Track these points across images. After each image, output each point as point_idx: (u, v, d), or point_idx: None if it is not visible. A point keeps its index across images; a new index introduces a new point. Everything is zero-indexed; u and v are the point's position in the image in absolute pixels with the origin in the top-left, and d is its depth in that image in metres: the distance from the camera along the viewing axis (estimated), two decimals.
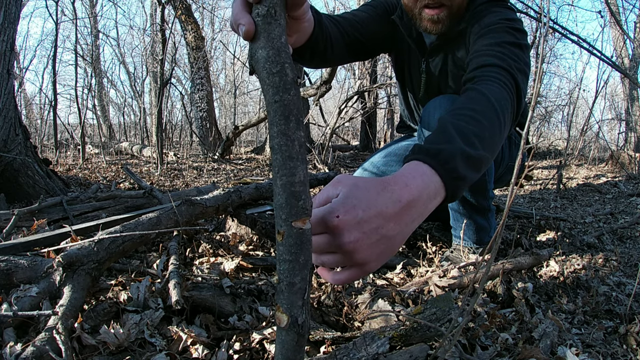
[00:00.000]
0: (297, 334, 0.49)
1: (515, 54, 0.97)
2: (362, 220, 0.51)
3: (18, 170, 2.45)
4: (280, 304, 0.50)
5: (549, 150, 8.06)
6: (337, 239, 0.51)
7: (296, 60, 1.06)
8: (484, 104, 0.76)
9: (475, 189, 1.36)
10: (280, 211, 0.48)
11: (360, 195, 0.52)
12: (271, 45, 0.50)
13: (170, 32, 5.74)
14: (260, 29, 0.50)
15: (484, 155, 0.67)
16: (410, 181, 0.56)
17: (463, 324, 0.65)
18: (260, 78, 0.51)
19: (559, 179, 3.45)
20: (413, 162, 0.60)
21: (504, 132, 0.77)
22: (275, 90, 0.49)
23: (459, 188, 0.61)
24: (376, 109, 8.08)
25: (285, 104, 0.49)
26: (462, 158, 0.62)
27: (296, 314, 0.49)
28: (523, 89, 0.92)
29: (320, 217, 0.50)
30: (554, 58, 9.28)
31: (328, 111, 10.39)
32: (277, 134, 0.48)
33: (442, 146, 0.62)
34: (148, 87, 13.79)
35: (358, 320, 1.05)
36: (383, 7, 1.36)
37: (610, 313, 1.14)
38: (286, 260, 0.48)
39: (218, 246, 1.57)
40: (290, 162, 0.48)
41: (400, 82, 1.57)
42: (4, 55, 2.47)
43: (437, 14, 1.19)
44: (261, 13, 0.50)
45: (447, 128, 0.67)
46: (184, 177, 4.32)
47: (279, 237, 0.49)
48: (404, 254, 1.63)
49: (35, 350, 0.72)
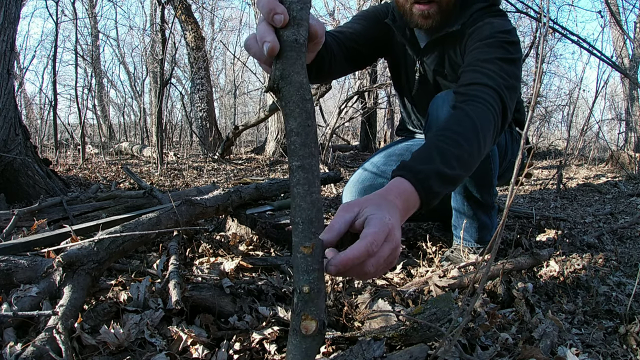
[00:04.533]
0: (323, 336, 0.54)
1: (506, 71, 1.06)
2: (395, 221, 0.61)
3: (18, 170, 2.44)
4: (309, 312, 0.53)
5: (549, 150, 8.06)
6: (394, 234, 0.60)
7: None
8: (468, 127, 0.88)
9: (481, 183, 1.38)
10: (309, 225, 0.54)
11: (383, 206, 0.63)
12: (305, 73, 0.56)
13: (170, 32, 5.73)
14: (293, 55, 0.56)
15: (459, 174, 0.81)
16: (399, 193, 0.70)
17: (463, 324, 0.65)
18: (289, 100, 0.55)
19: (559, 179, 3.45)
20: (398, 179, 0.74)
21: (483, 151, 0.90)
22: (307, 115, 0.55)
23: (432, 201, 0.75)
24: (376, 109, 8.07)
25: (314, 129, 0.55)
26: (437, 177, 0.75)
27: (323, 317, 0.53)
28: (509, 105, 1.03)
29: (385, 223, 0.58)
30: (554, 58, 9.27)
31: (328, 111, 10.39)
32: (309, 155, 0.55)
33: (421, 167, 0.75)
34: (148, 87, 13.79)
35: (358, 320, 1.05)
36: (374, 16, 1.42)
37: (610, 313, 1.14)
38: (315, 270, 0.53)
39: (218, 246, 1.57)
40: (317, 181, 0.55)
41: (397, 85, 1.59)
42: (4, 55, 2.47)
43: (428, 10, 1.23)
44: (298, 40, 0.56)
45: (431, 149, 0.81)
46: (184, 177, 4.32)
47: (307, 250, 0.53)
48: (404, 254, 1.63)
49: (35, 350, 0.72)
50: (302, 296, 0.52)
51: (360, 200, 0.64)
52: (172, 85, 9.59)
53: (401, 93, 1.60)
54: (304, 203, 0.53)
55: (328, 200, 2.72)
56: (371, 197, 0.66)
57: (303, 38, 0.56)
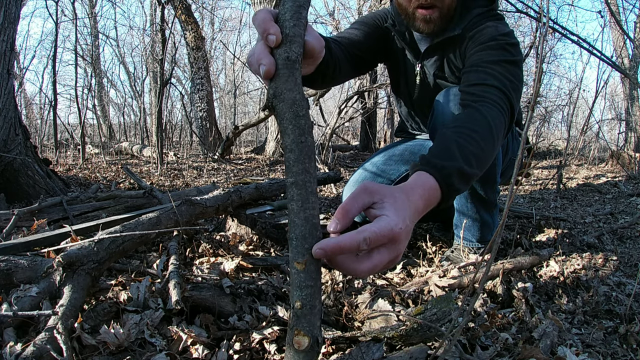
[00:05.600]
0: (317, 352, 0.53)
1: (511, 73, 1.08)
2: (407, 228, 0.60)
3: (18, 170, 2.44)
4: (301, 327, 0.52)
5: (549, 150, 8.06)
6: (399, 245, 0.59)
7: (307, 86, 1.12)
8: (484, 127, 0.89)
9: (486, 180, 1.40)
10: (302, 241, 0.53)
11: (403, 208, 0.61)
12: (298, 89, 0.55)
13: (170, 32, 5.73)
14: (286, 72, 0.56)
15: (476, 173, 0.81)
16: (423, 193, 0.69)
17: (463, 324, 0.65)
18: (283, 117, 0.55)
19: (559, 179, 3.45)
20: (424, 174, 0.72)
21: (495, 152, 0.92)
22: (301, 131, 0.54)
23: (450, 199, 0.74)
24: (376, 109, 8.07)
25: (309, 145, 0.54)
26: (458, 175, 0.75)
27: (316, 334, 0.52)
28: (516, 107, 1.05)
29: (391, 229, 0.57)
30: (554, 58, 9.26)
31: (328, 111, 10.39)
32: (302, 171, 0.53)
33: (445, 163, 0.74)
34: (148, 87, 13.79)
35: (358, 320, 1.05)
36: (374, 22, 1.43)
37: (610, 313, 1.14)
38: (308, 286, 0.53)
39: (218, 246, 1.57)
40: (312, 197, 0.53)
41: (397, 89, 1.60)
42: (4, 55, 2.47)
43: (430, 14, 1.25)
44: (290, 57, 0.56)
45: (451, 146, 0.79)
46: (184, 177, 4.32)
47: (300, 266, 0.53)
48: (404, 254, 1.63)
49: (35, 350, 0.72)
50: (295, 311, 0.52)
51: (384, 188, 0.62)
52: (172, 85, 9.59)
53: (401, 97, 1.61)
54: (298, 219, 0.53)
55: (328, 200, 2.72)
56: (395, 191, 0.63)
57: (295, 55, 0.56)
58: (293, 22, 0.57)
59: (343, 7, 9.58)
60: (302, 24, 0.58)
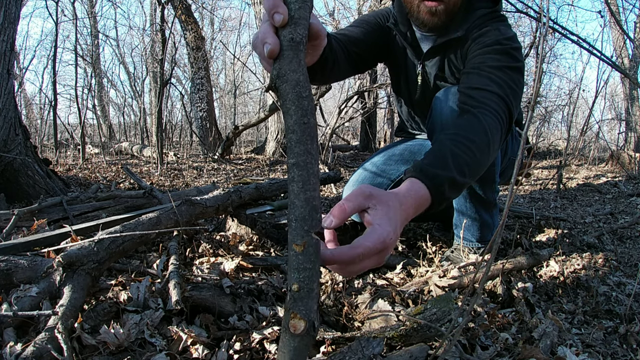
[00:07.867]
0: (312, 337, 0.52)
1: (513, 80, 1.09)
2: (396, 236, 0.63)
3: (18, 170, 2.44)
4: (298, 310, 0.51)
5: (549, 150, 8.06)
6: (388, 251, 0.62)
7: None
8: (481, 136, 0.90)
9: (484, 180, 1.39)
10: (302, 223, 0.52)
11: (395, 216, 0.63)
12: (302, 71, 0.55)
13: (170, 32, 5.73)
14: (290, 54, 0.56)
15: (467, 182, 0.83)
16: (415, 202, 0.71)
17: (463, 324, 0.65)
18: (286, 98, 0.55)
19: (559, 179, 3.45)
20: (417, 183, 0.74)
21: (490, 160, 0.93)
22: (304, 112, 0.54)
23: (439, 206, 0.77)
24: (376, 109, 8.07)
25: (312, 126, 0.54)
26: (450, 184, 0.77)
27: (313, 318, 0.52)
28: (514, 115, 1.07)
29: (383, 241, 0.59)
30: (554, 58, 9.26)
31: (328, 111, 10.39)
32: (304, 152, 0.53)
33: (438, 171, 0.76)
34: (148, 87, 13.79)
35: (358, 320, 1.05)
36: (375, 20, 1.42)
37: (610, 313, 1.14)
38: (306, 269, 0.52)
39: (218, 246, 1.57)
40: (313, 179, 0.53)
41: (397, 89, 1.59)
42: (4, 55, 2.47)
43: (436, 7, 1.24)
44: (295, 39, 0.56)
45: (446, 154, 0.82)
46: (184, 177, 4.32)
47: (298, 248, 0.52)
48: (404, 254, 1.63)
49: (35, 350, 0.72)
50: (292, 294, 0.52)
51: (380, 194, 0.64)
52: (172, 85, 9.58)
53: (401, 97, 1.61)
54: (298, 201, 0.53)
55: (328, 200, 2.72)
56: (390, 196, 0.65)
57: (300, 36, 0.56)
58: (299, 5, 0.57)
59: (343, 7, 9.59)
60: (307, 7, 0.58)
